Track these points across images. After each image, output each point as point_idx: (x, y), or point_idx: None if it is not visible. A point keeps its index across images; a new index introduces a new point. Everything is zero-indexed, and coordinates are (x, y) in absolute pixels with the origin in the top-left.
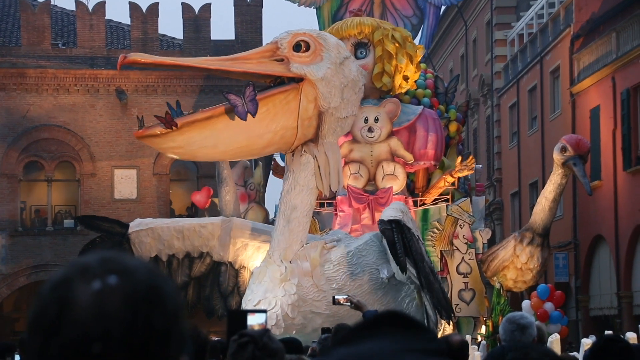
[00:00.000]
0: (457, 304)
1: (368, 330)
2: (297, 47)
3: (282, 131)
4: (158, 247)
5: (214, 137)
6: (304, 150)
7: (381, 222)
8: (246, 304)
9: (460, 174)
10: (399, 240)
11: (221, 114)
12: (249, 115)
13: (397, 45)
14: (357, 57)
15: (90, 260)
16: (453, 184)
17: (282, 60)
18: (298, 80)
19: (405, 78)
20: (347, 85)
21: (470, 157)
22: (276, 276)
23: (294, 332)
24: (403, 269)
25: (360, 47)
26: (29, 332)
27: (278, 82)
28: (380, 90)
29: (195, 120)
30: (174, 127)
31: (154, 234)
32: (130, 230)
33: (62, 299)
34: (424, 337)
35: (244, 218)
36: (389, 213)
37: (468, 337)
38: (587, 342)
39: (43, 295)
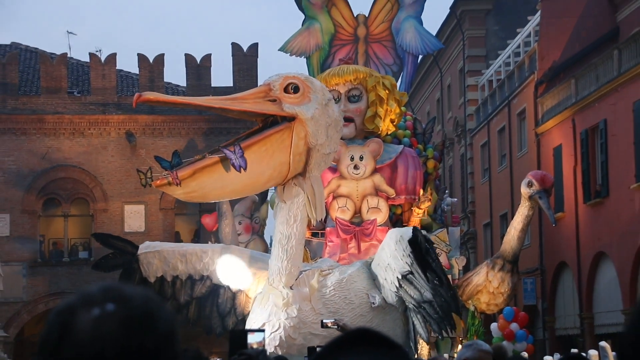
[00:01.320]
0: None
1: (342, 347)
2: (287, 89)
3: (279, 167)
4: (164, 269)
5: (221, 179)
6: (294, 183)
7: (415, 229)
8: (251, 326)
9: (424, 205)
10: (431, 250)
11: (218, 164)
12: (246, 162)
13: (387, 91)
14: (350, 101)
15: (94, 290)
16: (423, 214)
17: (274, 100)
18: (289, 119)
19: (392, 121)
20: (331, 125)
21: (429, 189)
22: (279, 301)
23: (295, 351)
24: (434, 273)
25: (353, 92)
26: (37, 354)
27: (270, 120)
28: (365, 131)
29: (205, 165)
30: (177, 184)
31: (161, 257)
32: (139, 252)
33: (64, 324)
34: (393, 354)
35: (246, 248)
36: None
37: (446, 356)
38: None
39: (49, 321)
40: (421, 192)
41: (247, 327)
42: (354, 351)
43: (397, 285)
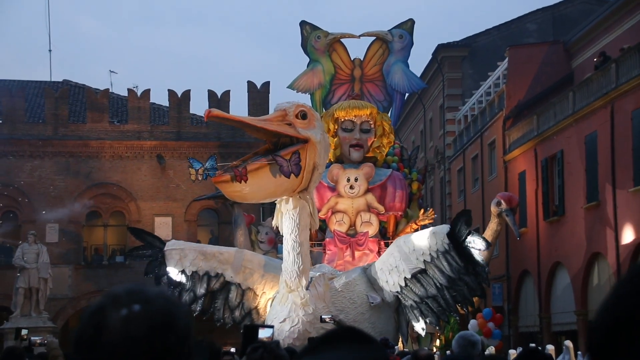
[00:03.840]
0: None
1: (329, 342)
2: (298, 116)
3: (293, 180)
4: (185, 264)
5: (259, 184)
6: (299, 196)
7: (460, 215)
8: (272, 321)
9: (423, 223)
10: (470, 235)
11: (266, 168)
12: (300, 169)
13: (388, 126)
14: (362, 131)
15: (121, 291)
16: (417, 230)
17: (289, 124)
18: (303, 141)
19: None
20: (325, 149)
21: (431, 210)
22: (297, 301)
23: None
24: (488, 246)
25: (365, 124)
26: (73, 349)
27: (281, 142)
28: (364, 156)
29: (256, 168)
30: (244, 181)
31: (183, 254)
32: (166, 248)
33: (97, 324)
34: (372, 348)
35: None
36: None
37: (425, 349)
38: (512, 353)
39: (84, 320)
40: (422, 211)
41: (269, 322)
42: (340, 345)
43: (402, 285)
